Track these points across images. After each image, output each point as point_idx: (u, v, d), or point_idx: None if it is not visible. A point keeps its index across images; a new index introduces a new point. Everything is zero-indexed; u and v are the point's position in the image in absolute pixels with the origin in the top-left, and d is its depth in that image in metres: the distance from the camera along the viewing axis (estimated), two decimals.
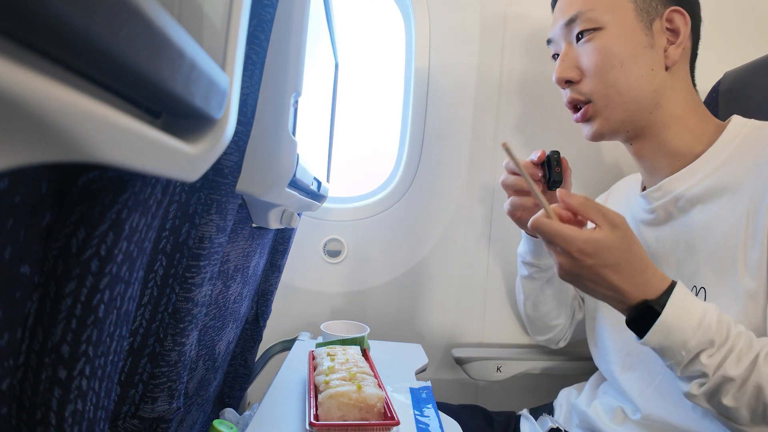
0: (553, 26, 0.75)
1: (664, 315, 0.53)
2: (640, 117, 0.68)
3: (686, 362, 0.53)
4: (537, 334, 1.00)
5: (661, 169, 0.71)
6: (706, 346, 0.52)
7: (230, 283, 0.60)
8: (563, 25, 0.71)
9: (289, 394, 0.68)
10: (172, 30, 0.17)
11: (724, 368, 0.51)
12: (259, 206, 0.57)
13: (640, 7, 0.67)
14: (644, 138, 0.70)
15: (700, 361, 0.52)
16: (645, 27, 0.66)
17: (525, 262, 0.88)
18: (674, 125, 0.68)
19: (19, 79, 0.12)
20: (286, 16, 0.44)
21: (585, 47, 0.69)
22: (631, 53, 0.66)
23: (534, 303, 0.92)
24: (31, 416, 0.24)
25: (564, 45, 0.72)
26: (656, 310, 0.53)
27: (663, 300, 0.54)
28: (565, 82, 0.72)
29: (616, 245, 0.53)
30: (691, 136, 0.68)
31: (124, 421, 0.42)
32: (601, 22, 0.67)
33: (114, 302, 0.26)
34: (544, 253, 0.84)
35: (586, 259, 0.53)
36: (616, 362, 0.77)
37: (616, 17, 0.67)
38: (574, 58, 0.71)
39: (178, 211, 0.42)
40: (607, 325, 0.80)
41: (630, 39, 0.66)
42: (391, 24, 1.18)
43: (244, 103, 0.43)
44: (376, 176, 1.20)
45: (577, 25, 0.69)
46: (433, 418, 0.64)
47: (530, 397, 1.08)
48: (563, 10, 0.72)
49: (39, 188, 0.22)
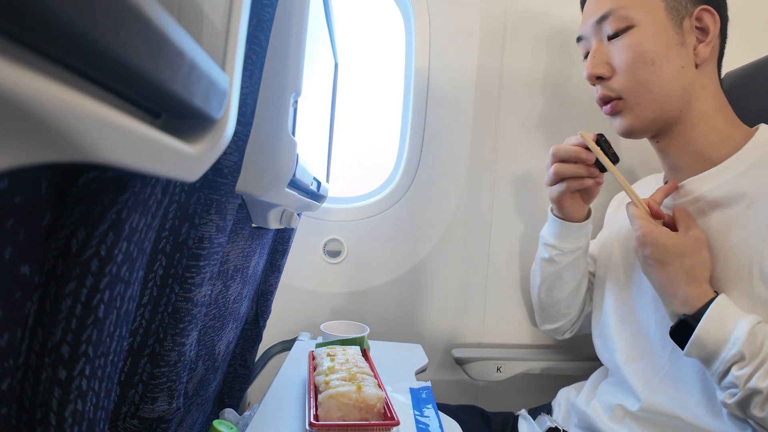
0: (583, 24, 0.75)
1: (698, 330, 0.58)
2: (670, 114, 0.68)
3: (721, 374, 0.56)
4: (546, 323, 0.99)
5: (684, 168, 0.71)
6: (737, 359, 0.55)
7: (230, 283, 0.60)
8: (594, 22, 0.71)
9: (289, 395, 0.68)
10: (172, 30, 0.17)
11: (753, 381, 0.53)
12: (258, 206, 0.57)
13: (670, 6, 0.67)
14: (671, 135, 0.71)
15: (732, 372, 0.55)
16: (675, 25, 0.67)
17: (548, 244, 0.87)
18: (702, 124, 0.68)
19: (19, 79, 0.12)
20: (285, 16, 0.44)
21: (616, 44, 0.69)
22: (662, 51, 0.66)
23: (549, 287, 0.92)
24: (31, 416, 0.24)
25: (594, 42, 0.73)
26: (692, 325, 0.58)
27: (700, 314, 0.58)
28: (596, 78, 0.72)
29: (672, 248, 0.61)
30: (717, 137, 0.68)
31: (123, 422, 0.42)
32: (633, 19, 0.68)
33: (114, 302, 0.26)
34: (568, 237, 0.85)
35: (645, 247, 0.62)
36: (620, 352, 0.77)
37: (648, 15, 0.67)
38: (605, 54, 0.71)
39: (177, 211, 0.42)
40: (614, 318, 0.80)
41: (662, 37, 0.67)
42: (391, 24, 1.18)
43: (244, 103, 0.43)
44: (376, 176, 1.20)
45: (609, 23, 0.70)
46: (433, 419, 0.64)
47: (530, 398, 1.08)
48: (594, 8, 0.72)
49: (39, 188, 0.22)
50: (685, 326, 0.59)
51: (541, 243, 0.90)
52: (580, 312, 0.96)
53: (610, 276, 0.83)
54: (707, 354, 0.57)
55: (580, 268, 0.89)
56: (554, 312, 0.95)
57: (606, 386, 0.81)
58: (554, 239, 0.86)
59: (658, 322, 0.71)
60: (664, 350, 0.70)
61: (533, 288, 0.98)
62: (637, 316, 0.75)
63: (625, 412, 0.73)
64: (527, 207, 1.15)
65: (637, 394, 0.71)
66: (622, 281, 0.80)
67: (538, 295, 0.95)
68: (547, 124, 1.14)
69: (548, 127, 1.14)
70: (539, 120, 1.14)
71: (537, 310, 1.00)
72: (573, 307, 0.94)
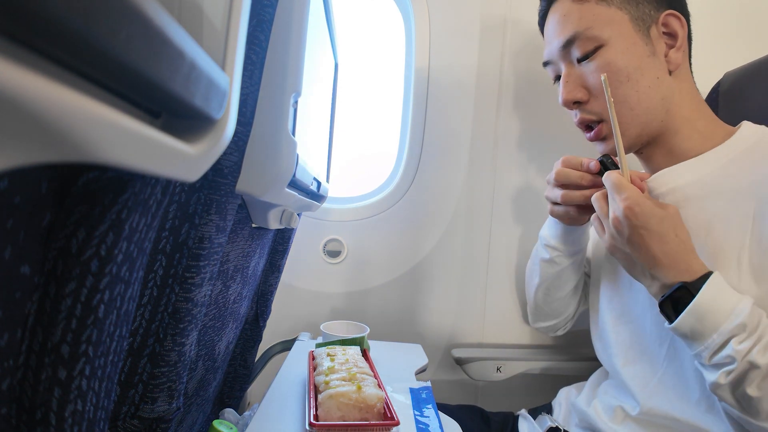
0: (547, 47, 0.73)
1: (700, 296, 0.54)
2: (653, 127, 0.68)
3: (717, 347, 0.54)
4: (539, 321, 0.98)
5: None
6: (738, 332, 0.53)
7: (230, 284, 0.60)
8: (561, 46, 0.70)
9: (288, 395, 0.68)
10: (172, 30, 0.17)
11: (752, 355, 0.52)
12: (258, 206, 0.57)
13: (635, 17, 0.66)
14: (655, 145, 0.70)
15: (731, 345, 0.52)
16: (644, 36, 0.66)
17: (548, 246, 0.86)
18: (684, 128, 0.68)
19: (19, 79, 0.12)
20: (285, 16, 0.44)
21: (588, 66, 0.68)
22: (636, 65, 0.65)
23: (548, 287, 0.90)
24: (31, 416, 0.24)
25: (564, 66, 0.71)
26: (692, 293, 0.55)
27: (699, 284, 0.55)
28: (573, 103, 0.71)
29: (667, 219, 0.58)
30: (699, 138, 0.68)
31: (123, 422, 0.42)
32: (601, 38, 0.66)
33: (114, 302, 0.26)
34: (570, 239, 0.82)
35: (638, 218, 0.57)
36: (618, 355, 0.76)
37: (615, 31, 0.65)
38: (578, 77, 0.70)
39: (177, 211, 0.42)
40: (610, 318, 0.79)
41: (633, 50, 0.65)
42: (391, 24, 1.18)
43: (244, 104, 0.43)
44: (376, 176, 1.20)
45: (576, 46, 0.68)
46: (433, 419, 0.64)
47: (530, 398, 1.08)
48: (558, 32, 0.70)
49: (39, 188, 0.22)
50: (683, 294, 0.56)
51: (541, 244, 0.89)
52: (575, 310, 0.95)
53: (604, 276, 0.82)
54: (702, 326, 0.54)
55: (580, 268, 0.88)
56: (550, 311, 0.95)
57: (607, 387, 0.81)
58: (556, 241, 0.85)
59: (654, 318, 0.70)
60: (661, 348, 0.69)
61: (530, 287, 0.97)
62: (632, 315, 0.75)
63: (625, 414, 0.73)
64: (527, 207, 1.15)
65: (636, 398, 0.71)
66: (615, 280, 0.79)
67: (535, 294, 0.95)
68: (547, 123, 1.14)
69: (549, 127, 1.14)
70: (539, 120, 1.14)
71: (531, 308, 0.99)
72: (570, 306, 0.94)
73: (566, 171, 0.71)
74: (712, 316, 0.54)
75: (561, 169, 0.72)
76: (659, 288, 0.59)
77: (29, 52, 0.13)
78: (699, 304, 0.54)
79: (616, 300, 0.79)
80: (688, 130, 0.68)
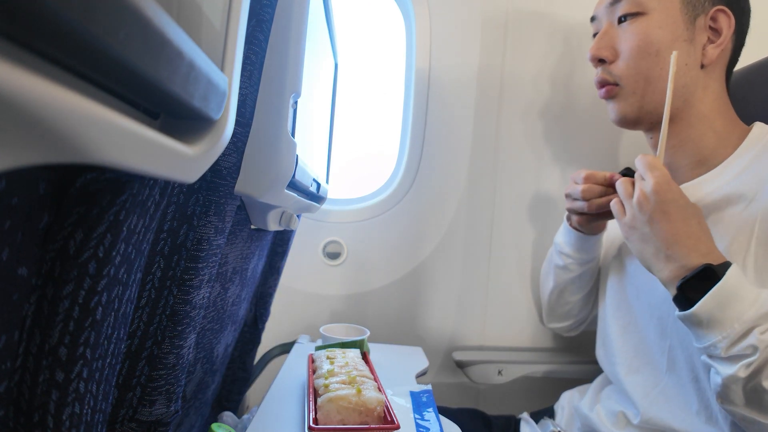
0: (598, 3, 0.75)
1: (725, 280, 0.52)
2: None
3: (737, 336, 0.51)
4: (553, 321, 0.99)
5: (679, 168, 0.70)
6: (761, 321, 0.50)
7: (229, 286, 0.60)
8: (609, 3, 0.71)
9: (288, 398, 0.68)
10: (171, 30, 0.17)
11: None
12: (257, 208, 0.57)
13: (687, 0, 0.66)
14: (670, 135, 0.70)
15: (755, 335, 0.50)
16: (688, 21, 0.66)
17: (563, 253, 0.87)
18: (699, 124, 0.68)
19: (17, 80, 0.12)
20: (285, 16, 0.44)
21: (625, 29, 0.69)
22: (668, 44, 0.66)
23: (561, 291, 0.92)
24: (29, 419, 0.24)
25: (605, 23, 0.72)
26: (717, 275, 0.53)
27: (723, 269, 0.53)
28: (598, 60, 0.72)
29: (691, 207, 0.58)
30: (714, 138, 0.68)
31: (121, 425, 0.42)
32: (645, 6, 0.67)
33: (112, 304, 0.26)
34: (585, 247, 0.84)
35: (666, 194, 0.57)
36: (621, 364, 0.76)
37: (662, 5, 0.67)
38: (612, 37, 0.71)
39: (176, 212, 0.42)
40: (616, 326, 0.79)
41: (670, 29, 0.66)
42: (391, 24, 1.18)
43: (243, 104, 0.43)
44: (377, 177, 1.20)
45: (621, 5, 0.69)
46: (433, 422, 0.64)
47: (531, 401, 1.08)
48: None
49: (37, 189, 0.21)
50: (706, 277, 0.53)
51: (555, 250, 0.90)
52: (589, 314, 0.96)
53: (611, 284, 0.83)
54: (723, 314, 0.51)
55: (593, 276, 0.89)
56: (563, 312, 0.96)
57: (610, 392, 0.80)
58: (570, 249, 0.85)
59: (656, 328, 0.70)
60: (662, 357, 0.69)
61: (544, 289, 0.98)
62: (637, 324, 0.75)
63: (627, 421, 0.73)
64: (529, 208, 1.15)
65: (637, 407, 0.71)
66: (621, 290, 0.80)
67: (549, 298, 0.95)
68: (548, 123, 1.14)
69: (550, 127, 1.14)
70: (541, 120, 1.14)
71: (546, 310, 1.00)
72: (583, 310, 0.94)
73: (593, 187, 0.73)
74: (736, 302, 0.51)
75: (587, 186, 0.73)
76: (676, 269, 0.56)
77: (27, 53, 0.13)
78: (724, 288, 0.52)
79: (622, 309, 0.79)
80: (704, 127, 0.68)
